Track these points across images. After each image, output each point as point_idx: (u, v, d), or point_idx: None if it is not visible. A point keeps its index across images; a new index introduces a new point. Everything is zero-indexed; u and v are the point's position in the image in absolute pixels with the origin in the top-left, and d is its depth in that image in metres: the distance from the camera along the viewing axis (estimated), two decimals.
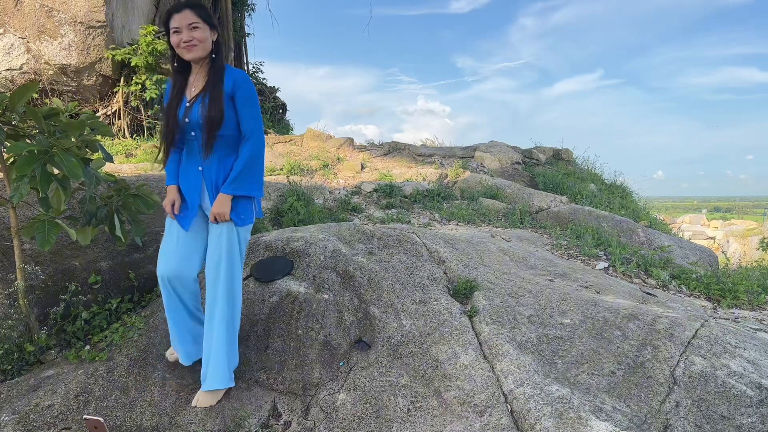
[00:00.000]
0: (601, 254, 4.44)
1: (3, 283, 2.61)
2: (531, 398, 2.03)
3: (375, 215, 5.28)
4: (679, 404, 2.01)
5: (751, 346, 2.35)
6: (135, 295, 2.89)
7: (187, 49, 2.04)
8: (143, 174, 5.17)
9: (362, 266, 2.92)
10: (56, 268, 2.79)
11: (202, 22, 2.04)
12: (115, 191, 2.57)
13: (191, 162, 2.19)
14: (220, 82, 2.06)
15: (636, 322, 2.52)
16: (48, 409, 2.09)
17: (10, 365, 2.38)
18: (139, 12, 9.15)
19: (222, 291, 2.13)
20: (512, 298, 2.78)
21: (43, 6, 7.60)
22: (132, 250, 3.11)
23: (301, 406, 2.17)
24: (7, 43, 7.68)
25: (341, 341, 2.45)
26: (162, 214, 3.75)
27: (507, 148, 8.43)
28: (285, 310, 2.54)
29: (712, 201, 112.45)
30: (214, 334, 2.14)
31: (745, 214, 53.53)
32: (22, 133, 2.29)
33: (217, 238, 2.14)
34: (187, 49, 2.04)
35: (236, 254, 2.15)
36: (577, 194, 6.78)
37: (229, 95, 2.06)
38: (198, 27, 2.03)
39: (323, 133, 9.13)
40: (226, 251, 2.12)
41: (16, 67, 7.74)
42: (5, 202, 2.37)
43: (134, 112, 8.51)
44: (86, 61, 7.87)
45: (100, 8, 7.70)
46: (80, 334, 2.60)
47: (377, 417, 2.07)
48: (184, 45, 2.03)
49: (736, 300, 3.56)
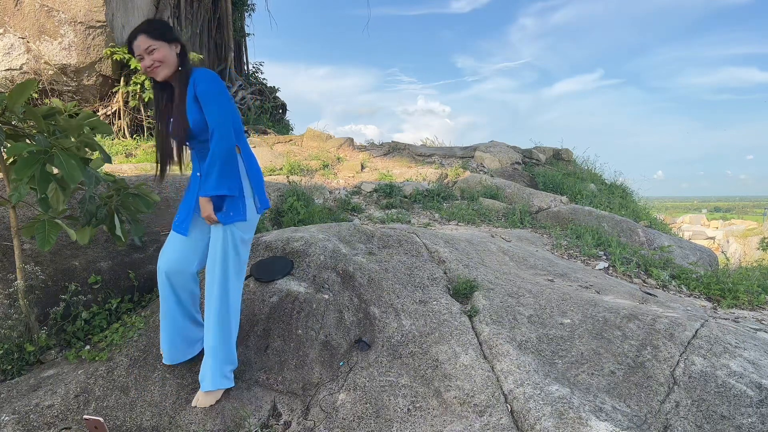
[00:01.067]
0: (601, 254, 4.44)
1: (3, 283, 2.61)
2: (531, 398, 2.03)
3: (375, 215, 5.28)
4: (679, 404, 2.01)
5: (751, 346, 2.35)
6: (135, 295, 2.89)
7: (154, 73, 2.07)
8: (143, 174, 5.17)
9: (362, 266, 2.92)
10: (56, 268, 2.79)
11: (159, 41, 2.05)
12: (114, 191, 2.57)
13: (194, 169, 2.22)
14: (185, 90, 2.08)
15: (636, 322, 2.52)
16: (48, 409, 2.09)
17: (10, 365, 2.38)
18: (139, 12, 9.15)
19: (216, 292, 2.13)
20: (512, 298, 2.78)
21: (43, 6, 7.60)
22: (132, 250, 3.11)
23: (301, 406, 2.17)
24: (7, 43, 7.68)
25: (341, 341, 2.45)
26: (161, 214, 3.75)
27: (507, 148, 8.43)
28: (285, 310, 2.54)
29: (712, 201, 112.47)
30: (210, 335, 2.15)
31: (745, 214, 53.53)
32: (22, 133, 2.29)
33: (213, 241, 2.15)
34: (154, 72, 2.07)
35: (230, 255, 2.13)
36: (577, 194, 6.77)
37: (193, 97, 2.06)
38: (155, 48, 2.04)
39: (323, 133, 9.12)
40: (220, 252, 2.11)
41: (16, 67, 7.74)
42: (5, 202, 2.37)
43: (134, 112, 8.51)
44: (86, 61, 7.87)
45: (100, 8, 7.70)
46: (80, 334, 2.60)
47: (377, 417, 2.07)
48: (148, 70, 2.06)
49: (736, 300, 3.56)
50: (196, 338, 2.33)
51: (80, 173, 2.12)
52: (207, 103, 2.04)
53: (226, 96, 2.10)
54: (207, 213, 2.07)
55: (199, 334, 2.32)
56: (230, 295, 2.15)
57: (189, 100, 2.06)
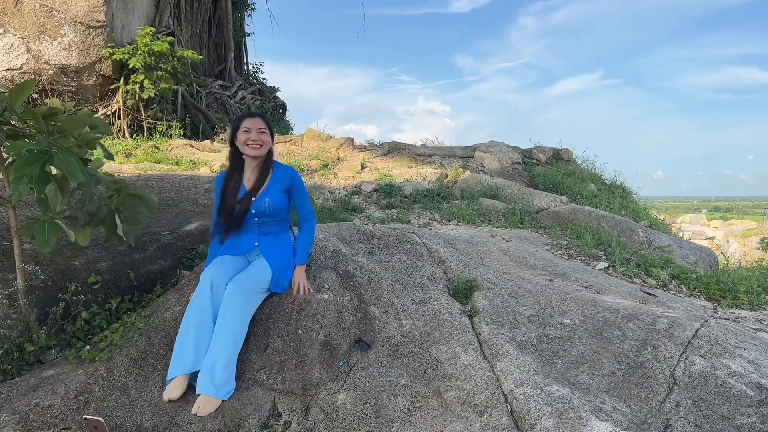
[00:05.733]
0: (601, 254, 4.44)
1: (3, 283, 2.61)
2: (531, 398, 2.03)
3: (375, 215, 5.28)
4: (679, 404, 2.01)
5: (751, 346, 2.35)
6: (135, 295, 2.89)
7: (254, 148, 2.50)
8: (143, 174, 5.17)
9: (362, 266, 2.92)
10: (56, 268, 2.79)
11: (268, 129, 2.56)
12: (114, 191, 2.57)
13: (246, 237, 2.58)
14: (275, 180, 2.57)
15: (636, 322, 2.52)
16: (48, 409, 2.09)
17: (10, 365, 2.38)
18: (139, 12, 9.15)
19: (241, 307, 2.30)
20: (512, 298, 2.78)
21: (43, 6, 7.60)
22: (132, 250, 3.11)
23: (301, 406, 2.17)
24: (7, 43, 7.68)
25: (341, 341, 2.45)
26: (161, 214, 3.75)
27: (507, 148, 8.43)
28: (285, 310, 2.54)
29: (712, 201, 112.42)
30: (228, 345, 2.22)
31: (745, 214, 53.50)
32: (21, 133, 2.29)
33: (257, 269, 2.47)
34: (254, 148, 2.50)
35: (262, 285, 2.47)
36: (577, 194, 6.77)
37: (286, 188, 2.58)
38: (265, 132, 2.53)
39: (323, 133, 9.12)
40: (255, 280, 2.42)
41: (16, 67, 7.74)
42: (5, 202, 2.37)
43: (134, 112, 8.51)
44: (86, 61, 7.87)
45: (100, 8, 7.70)
46: (80, 334, 2.60)
47: (377, 417, 2.07)
48: (251, 143, 2.49)
49: (736, 300, 3.56)
50: None
51: (80, 172, 2.11)
52: (303, 197, 2.65)
53: None
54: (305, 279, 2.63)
55: None
56: (249, 312, 2.38)
57: (277, 188, 2.55)
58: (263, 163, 2.59)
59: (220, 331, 2.23)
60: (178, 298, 2.69)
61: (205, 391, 2.11)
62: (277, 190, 2.55)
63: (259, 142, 2.50)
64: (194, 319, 2.26)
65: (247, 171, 2.60)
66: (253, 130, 2.50)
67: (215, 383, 2.13)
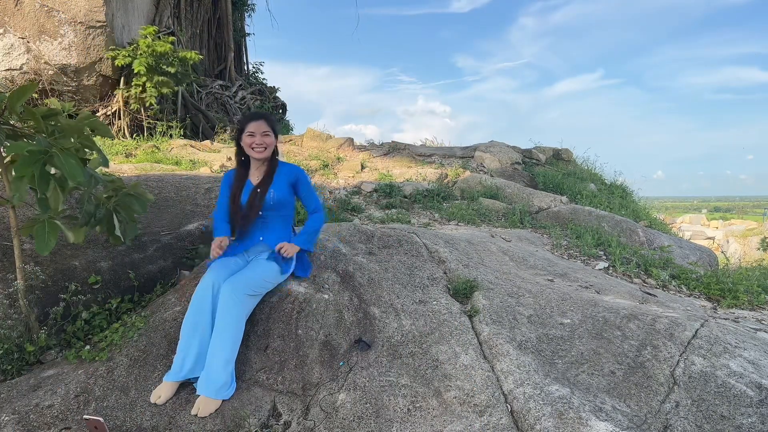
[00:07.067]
0: (601, 254, 4.44)
1: (3, 283, 2.61)
2: (531, 398, 2.03)
3: (375, 215, 5.28)
4: (679, 404, 2.01)
5: (751, 346, 2.35)
6: (135, 295, 2.89)
7: (258, 152, 2.56)
8: (143, 174, 5.17)
9: (362, 266, 2.92)
10: (56, 268, 2.79)
11: (272, 131, 2.58)
12: (113, 191, 2.58)
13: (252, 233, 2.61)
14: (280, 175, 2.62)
15: (636, 322, 2.52)
16: (48, 409, 2.09)
17: (10, 365, 2.38)
18: (139, 12, 9.15)
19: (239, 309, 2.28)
20: (512, 298, 2.78)
21: (43, 6, 7.60)
22: (132, 250, 3.11)
23: (301, 406, 2.17)
24: (7, 43, 7.68)
25: (341, 341, 2.45)
26: (161, 214, 3.75)
27: (507, 148, 8.43)
28: (285, 310, 2.54)
29: (712, 201, 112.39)
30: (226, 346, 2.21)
31: (745, 214, 53.48)
32: (21, 133, 2.29)
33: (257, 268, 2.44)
34: (259, 151, 2.56)
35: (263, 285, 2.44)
36: (577, 194, 6.77)
37: (292, 183, 2.64)
38: (269, 134, 2.56)
39: (323, 133, 9.12)
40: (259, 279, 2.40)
41: (16, 67, 7.74)
42: (5, 202, 2.37)
43: (134, 113, 8.51)
44: (86, 61, 7.87)
45: (100, 8, 7.70)
46: (80, 334, 2.60)
47: (377, 417, 2.07)
48: (256, 147, 2.55)
49: (736, 300, 3.56)
50: None
51: (80, 172, 2.11)
52: (309, 191, 2.70)
53: None
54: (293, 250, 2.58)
55: None
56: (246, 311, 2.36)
57: (283, 182, 2.61)
58: (269, 162, 2.67)
59: (219, 331, 2.23)
60: (178, 298, 2.69)
61: (205, 391, 2.12)
62: (283, 183, 2.62)
63: (264, 145, 2.56)
64: (196, 321, 2.25)
65: (252, 168, 2.66)
66: (257, 134, 2.54)
67: (215, 384, 2.13)
